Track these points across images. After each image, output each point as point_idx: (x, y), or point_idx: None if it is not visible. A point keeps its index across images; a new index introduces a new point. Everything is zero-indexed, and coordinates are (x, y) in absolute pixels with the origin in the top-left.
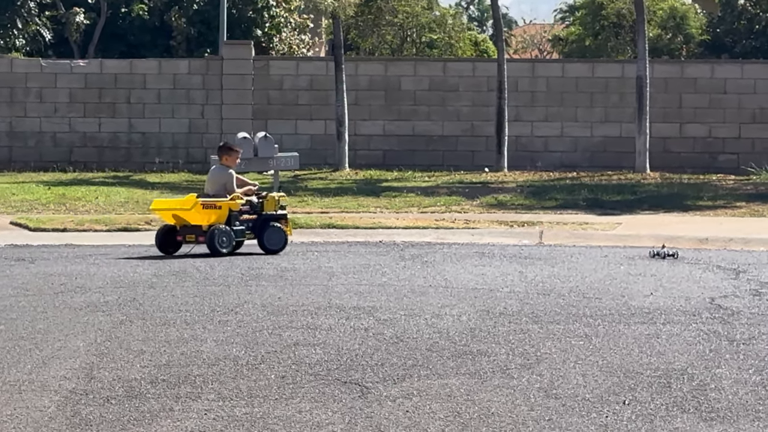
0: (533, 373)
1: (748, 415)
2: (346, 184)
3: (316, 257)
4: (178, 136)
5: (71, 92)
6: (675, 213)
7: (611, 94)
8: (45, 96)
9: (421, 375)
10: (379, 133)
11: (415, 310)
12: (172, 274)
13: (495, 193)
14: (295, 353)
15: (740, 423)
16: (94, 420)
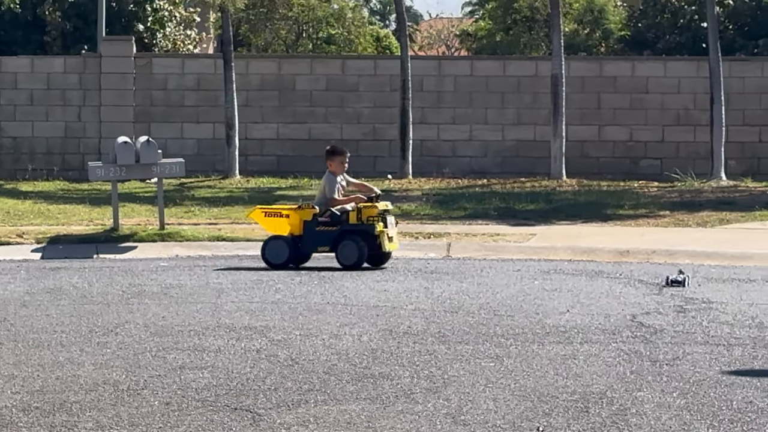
0: (440, 398)
1: None
2: (236, 193)
3: (204, 272)
4: (53, 140)
5: None
6: (593, 223)
7: (524, 94)
8: None
9: (318, 400)
10: (273, 137)
11: (311, 330)
12: (46, 291)
13: (398, 202)
14: (181, 377)
15: None
16: None
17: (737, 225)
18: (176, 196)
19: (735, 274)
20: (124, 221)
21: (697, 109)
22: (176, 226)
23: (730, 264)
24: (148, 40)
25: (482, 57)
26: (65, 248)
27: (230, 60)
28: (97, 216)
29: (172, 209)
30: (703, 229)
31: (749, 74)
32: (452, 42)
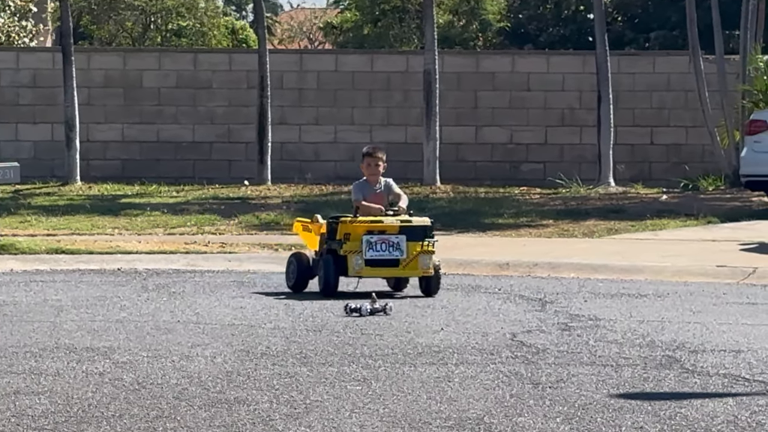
0: (301, 424)
1: None
2: (77, 201)
3: (41, 288)
4: None
5: None
6: (471, 233)
7: (394, 91)
8: None
9: (168, 428)
10: (118, 139)
11: (160, 351)
12: None
13: (257, 211)
14: (16, 403)
15: None
16: None
17: (627, 235)
18: (11, 204)
19: (624, 289)
20: None
21: (583, 109)
22: (10, 237)
23: (618, 278)
24: None
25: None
26: None
27: (70, 54)
28: None
29: (6, 219)
30: (589, 240)
31: (640, 70)
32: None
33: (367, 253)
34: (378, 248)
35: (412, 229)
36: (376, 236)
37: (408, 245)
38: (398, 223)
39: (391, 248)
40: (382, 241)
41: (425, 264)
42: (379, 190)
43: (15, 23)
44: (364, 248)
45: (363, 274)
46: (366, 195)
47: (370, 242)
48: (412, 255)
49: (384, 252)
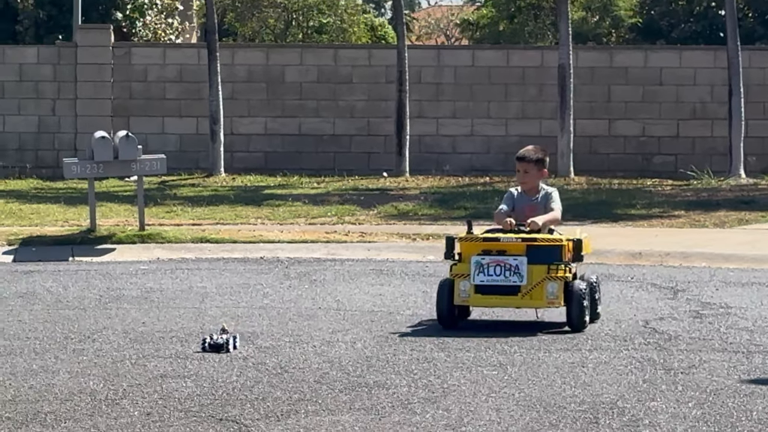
0: (439, 408)
1: None
2: (221, 192)
3: (187, 276)
4: (26, 136)
5: None
6: (604, 223)
7: (529, 86)
8: None
9: (309, 411)
10: (260, 132)
11: (302, 337)
12: (18, 296)
13: (395, 202)
14: (163, 386)
15: None
16: None
17: (757, 225)
18: (157, 195)
19: (755, 278)
20: (102, 222)
21: (715, 102)
22: (157, 226)
23: (749, 267)
24: (127, 30)
25: (484, 47)
26: (39, 250)
27: (215, 50)
28: (72, 216)
29: (153, 209)
30: (720, 230)
31: None
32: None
33: (476, 278)
34: (490, 272)
35: (539, 249)
36: (489, 257)
37: (530, 269)
38: (520, 242)
39: (507, 272)
40: (497, 263)
41: (552, 293)
42: (536, 201)
43: (162, 21)
44: (473, 271)
45: (471, 302)
46: (517, 206)
47: (481, 264)
48: (534, 281)
49: (498, 277)
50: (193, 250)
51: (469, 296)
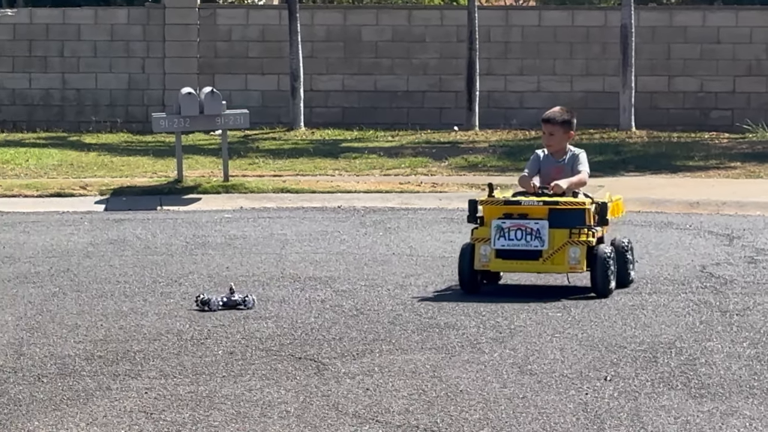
0: (506, 348)
1: (741, 392)
2: (301, 145)
3: (268, 224)
4: (117, 92)
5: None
6: (663, 174)
7: (593, 44)
8: None
9: (383, 350)
10: (338, 88)
11: (377, 281)
12: (109, 242)
13: (465, 154)
14: (245, 327)
15: (733, 400)
16: (23, 399)
17: None
18: (240, 148)
19: None
20: (188, 173)
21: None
22: (240, 177)
23: None
24: None
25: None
26: (129, 200)
27: (295, 11)
28: (160, 168)
29: (237, 161)
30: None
31: None
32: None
33: (497, 242)
34: (511, 236)
35: (562, 212)
36: (510, 221)
37: (552, 233)
38: (542, 205)
39: (528, 236)
40: (518, 227)
41: (574, 258)
42: (563, 163)
43: None
44: (493, 235)
45: (491, 267)
46: (543, 168)
47: (501, 228)
48: (556, 246)
49: (519, 241)
50: (274, 200)
51: (490, 261)
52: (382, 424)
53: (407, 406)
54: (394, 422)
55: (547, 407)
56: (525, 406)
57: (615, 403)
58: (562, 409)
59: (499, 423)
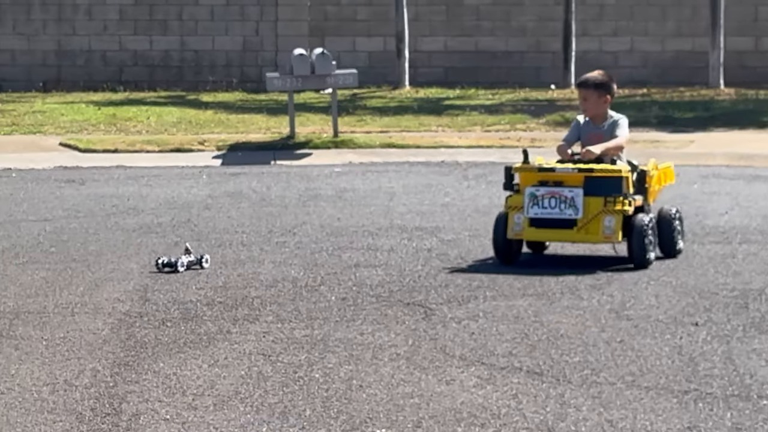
0: (604, 294)
1: None
2: (406, 103)
3: (376, 177)
4: (232, 54)
5: (121, 9)
6: (750, 130)
7: (684, 7)
8: (94, 13)
9: (487, 296)
10: (441, 49)
11: (479, 231)
12: (227, 195)
13: (561, 111)
14: (356, 275)
15: None
16: (149, 342)
17: None
18: (349, 105)
19: None
20: (300, 129)
21: None
22: (349, 134)
23: None
24: None
25: None
26: (244, 155)
27: None
28: (274, 125)
29: (345, 118)
30: None
31: None
32: None
33: (530, 211)
34: (545, 204)
35: (597, 180)
36: (544, 189)
37: (586, 201)
38: (577, 173)
39: (562, 204)
40: (551, 195)
41: (609, 227)
42: (602, 129)
43: None
44: (526, 203)
45: (524, 236)
46: (583, 135)
47: (535, 196)
48: (591, 215)
49: (553, 210)
50: (381, 155)
51: (523, 230)
52: (487, 366)
53: (510, 349)
54: (498, 364)
55: (643, 350)
56: (622, 349)
57: (708, 347)
58: (658, 352)
59: (598, 365)
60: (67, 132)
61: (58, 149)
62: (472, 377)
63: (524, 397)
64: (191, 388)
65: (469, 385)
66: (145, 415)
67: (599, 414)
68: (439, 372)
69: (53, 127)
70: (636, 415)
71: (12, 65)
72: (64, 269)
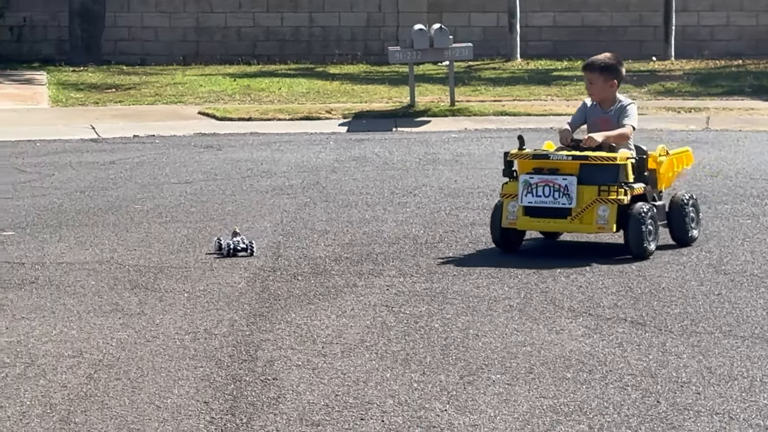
0: (702, 251)
1: None
2: (517, 74)
3: (490, 143)
4: (357, 29)
5: None
6: None
7: None
8: None
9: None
10: (549, 24)
11: None
12: (352, 159)
13: (662, 81)
14: (472, 232)
15: None
16: (281, 295)
17: None
18: (464, 76)
19: None
20: (419, 99)
21: None
22: (465, 102)
23: None
24: None
25: None
26: (368, 122)
27: None
28: (395, 94)
29: (461, 88)
30: None
31: None
32: None
33: (524, 199)
34: (539, 192)
35: (592, 168)
36: (539, 176)
37: (580, 190)
38: (572, 160)
39: (556, 193)
40: (546, 182)
41: (603, 217)
42: (610, 113)
43: None
44: (521, 191)
45: (518, 225)
46: (589, 118)
47: (529, 184)
48: (585, 204)
49: (547, 198)
50: (494, 122)
51: (517, 218)
52: (594, 317)
53: (616, 301)
54: (604, 315)
55: (739, 302)
56: (720, 301)
57: None
58: (753, 304)
59: (697, 316)
60: (205, 102)
61: (197, 117)
62: (580, 327)
63: (628, 345)
64: (321, 336)
65: (578, 335)
66: (279, 362)
67: (698, 361)
68: (549, 322)
69: (192, 97)
70: (732, 362)
71: (155, 41)
72: (203, 227)
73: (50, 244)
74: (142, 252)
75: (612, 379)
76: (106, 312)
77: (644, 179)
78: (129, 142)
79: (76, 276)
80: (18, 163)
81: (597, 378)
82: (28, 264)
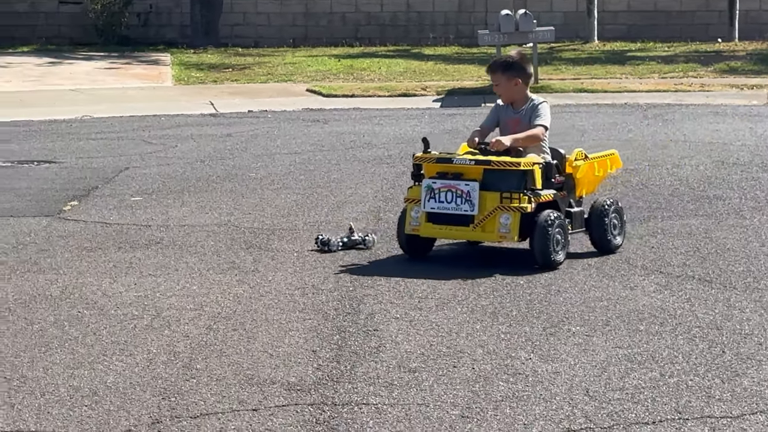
0: (764, 215)
1: None
2: (595, 55)
3: (570, 117)
4: (449, 14)
5: None
6: None
7: None
8: None
9: (665, 216)
10: (625, 9)
11: (657, 161)
12: (445, 132)
13: (727, 61)
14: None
15: None
16: (382, 253)
17: None
18: (546, 57)
19: None
20: None
21: None
22: (547, 80)
23: None
24: None
25: None
26: (459, 98)
27: None
28: (484, 74)
29: (544, 68)
30: None
31: None
32: None
33: (426, 204)
34: (441, 198)
35: (496, 173)
36: (441, 182)
37: (483, 196)
38: (475, 165)
39: (458, 199)
40: (448, 188)
41: (504, 226)
42: (521, 114)
43: None
44: (423, 197)
45: (422, 232)
46: (501, 120)
47: (432, 189)
48: (486, 211)
49: (449, 204)
50: (573, 98)
51: (420, 225)
52: (664, 274)
53: (684, 260)
54: (674, 273)
55: None
56: None
57: None
58: None
59: (759, 274)
60: (313, 80)
61: (305, 94)
62: (652, 284)
63: (696, 300)
64: (417, 292)
65: (650, 291)
66: (379, 314)
67: (760, 315)
68: (624, 279)
69: (301, 76)
70: None
71: (268, 25)
72: (311, 194)
73: (174, 208)
74: (256, 215)
75: (681, 331)
76: (223, 269)
77: (553, 185)
78: (244, 117)
79: (197, 237)
80: (145, 136)
81: (667, 330)
82: (154, 226)
